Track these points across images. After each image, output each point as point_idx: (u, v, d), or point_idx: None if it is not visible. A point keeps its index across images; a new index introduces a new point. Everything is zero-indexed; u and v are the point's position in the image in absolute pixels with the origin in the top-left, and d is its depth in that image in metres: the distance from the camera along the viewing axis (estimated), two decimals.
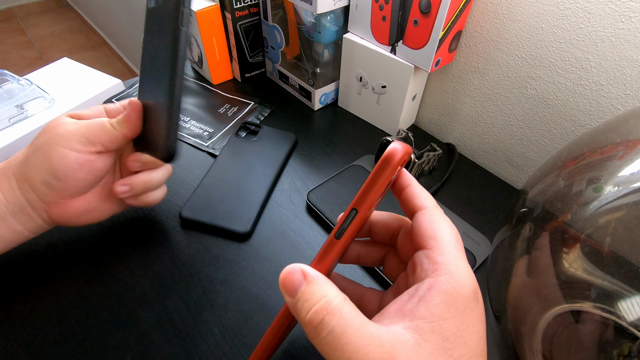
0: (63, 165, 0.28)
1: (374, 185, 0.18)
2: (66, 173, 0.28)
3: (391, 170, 0.18)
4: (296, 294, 0.18)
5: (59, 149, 0.28)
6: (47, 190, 0.29)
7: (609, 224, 0.19)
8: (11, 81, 0.48)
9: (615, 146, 0.21)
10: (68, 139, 0.28)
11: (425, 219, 0.21)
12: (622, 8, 0.31)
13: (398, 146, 0.17)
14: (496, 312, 0.25)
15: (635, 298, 0.17)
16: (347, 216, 0.19)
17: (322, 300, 0.18)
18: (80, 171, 0.29)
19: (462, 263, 0.20)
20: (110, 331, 0.29)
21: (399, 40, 0.42)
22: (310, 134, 0.50)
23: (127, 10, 1.53)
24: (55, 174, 0.28)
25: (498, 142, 0.46)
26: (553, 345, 0.20)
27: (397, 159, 0.18)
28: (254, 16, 0.53)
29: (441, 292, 0.19)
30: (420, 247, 0.21)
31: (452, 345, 0.18)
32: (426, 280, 0.19)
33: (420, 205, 0.22)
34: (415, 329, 0.18)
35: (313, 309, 0.17)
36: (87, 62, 1.40)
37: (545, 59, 0.37)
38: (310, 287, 0.18)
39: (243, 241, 0.36)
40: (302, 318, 0.17)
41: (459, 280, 0.19)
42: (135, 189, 0.32)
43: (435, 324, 0.18)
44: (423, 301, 0.18)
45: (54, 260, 0.34)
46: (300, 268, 0.19)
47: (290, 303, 0.18)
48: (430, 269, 0.19)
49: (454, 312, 0.18)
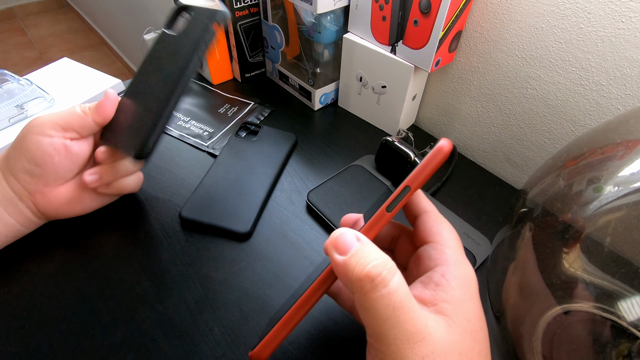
0: (39, 151, 0.30)
1: (427, 167, 0.20)
2: (43, 158, 0.30)
3: (442, 157, 0.20)
4: (348, 252, 0.19)
5: (34, 136, 0.30)
6: (29, 178, 0.30)
7: (609, 224, 0.19)
8: (11, 81, 0.48)
9: (615, 146, 0.21)
10: (42, 126, 0.30)
11: (430, 219, 0.23)
12: (622, 8, 0.31)
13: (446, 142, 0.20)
14: (496, 312, 0.25)
15: (635, 298, 0.17)
16: (401, 192, 0.20)
17: (381, 259, 0.18)
18: (56, 156, 0.30)
19: (464, 258, 0.21)
20: (110, 331, 0.29)
21: (399, 40, 0.42)
22: (310, 134, 0.50)
23: (127, 10, 1.53)
24: (32, 159, 0.30)
25: (498, 142, 0.46)
26: (553, 345, 0.20)
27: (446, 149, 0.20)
28: (254, 16, 0.53)
29: (455, 276, 0.20)
30: (426, 242, 0.22)
31: (474, 327, 0.19)
32: (437, 268, 0.20)
33: (424, 209, 0.24)
34: (441, 312, 0.19)
35: (372, 263, 0.18)
36: (87, 62, 1.40)
37: (545, 59, 0.37)
38: (366, 248, 0.19)
39: (243, 241, 0.36)
40: (359, 272, 0.18)
41: (466, 269, 0.21)
42: (105, 177, 0.33)
43: (458, 304, 0.19)
44: (440, 286, 0.19)
45: (54, 261, 0.34)
46: (353, 232, 0.20)
47: (341, 261, 0.19)
48: (439, 258, 0.21)
49: (469, 295, 0.20)
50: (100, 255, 0.34)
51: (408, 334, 0.17)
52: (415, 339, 0.17)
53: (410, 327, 0.17)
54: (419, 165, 0.20)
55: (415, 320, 0.17)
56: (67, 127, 0.30)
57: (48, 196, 0.31)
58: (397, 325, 0.17)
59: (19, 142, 0.30)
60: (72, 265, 0.34)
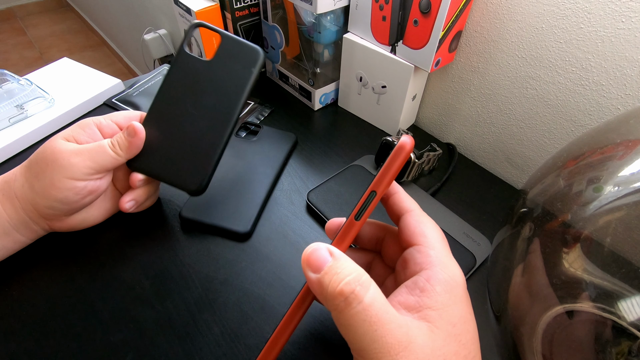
0: (73, 194, 0.29)
1: (390, 169, 0.20)
2: (75, 199, 0.30)
3: (404, 156, 0.20)
4: (322, 270, 0.18)
5: (67, 181, 0.29)
6: (52, 212, 0.30)
7: (609, 224, 0.19)
8: (11, 81, 0.48)
9: (615, 146, 0.21)
10: (74, 170, 0.29)
11: (413, 220, 0.22)
12: (622, 8, 0.31)
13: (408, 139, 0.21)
14: (496, 312, 0.25)
15: (635, 298, 0.17)
16: (367, 198, 0.20)
17: (354, 274, 0.18)
18: (88, 196, 0.31)
19: (451, 257, 0.21)
20: (110, 331, 0.29)
21: (399, 40, 0.42)
22: (310, 134, 0.50)
23: (127, 10, 1.53)
24: (63, 201, 0.29)
25: (498, 142, 0.46)
26: (553, 345, 0.20)
27: (408, 148, 0.20)
28: (254, 16, 0.53)
29: (439, 281, 0.19)
30: (410, 244, 0.22)
31: (459, 331, 0.19)
32: (423, 272, 0.20)
33: (406, 209, 0.23)
34: (425, 318, 0.18)
35: (345, 280, 0.18)
36: (87, 62, 1.40)
37: (546, 59, 0.37)
38: (339, 263, 0.19)
39: (243, 241, 0.36)
40: (332, 290, 0.18)
41: (453, 270, 0.20)
42: (140, 201, 0.34)
43: (442, 311, 0.19)
44: (425, 292, 0.19)
45: (54, 262, 0.34)
46: (325, 246, 0.19)
47: (315, 279, 0.19)
48: (424, 262, 0.20)
49: (454, 299, 0.19)
50: (101, 255, 0.34)
51: (389, 346, 0.17)
52: (397, 350, 0.17)
53: (390, 339, 0.17)
54: (381, 167, 0.21)
55: (394, 330, 0.17)
56: (100, 169, 0.30)
57: (66, 222, 0.32)
58: (376, 339, 0.17)
59: (46, 178, 0.28)
60: (72, 265, 0.34)
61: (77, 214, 0.32)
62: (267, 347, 0.22)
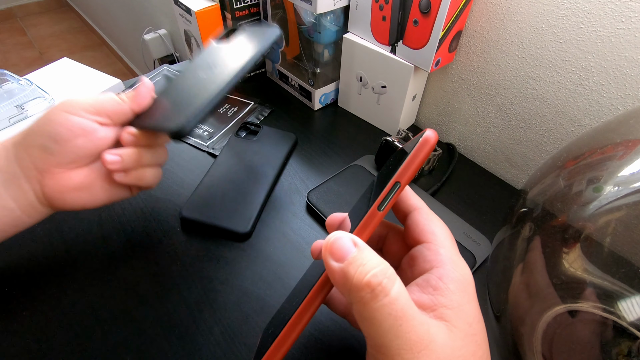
0: (65, 128, 0.27)
1: (414, 161, 0.20)
2: (67, 136, 0.28)
3: (428, 149, 0.20)
4: (345, 259, 0.18)
5: (63, 113, 0.28)
6: (42, 154, 0.28)
7: (609, 224, 0.19)
8: (11, 81, 0.48)
9: (615, 146, 0.21)
10: (74, 105, 0.28)
11: (422, 217, 0.22)
12: (622, 8, 0.31)
13: (432, 132, 0.20)
14: (496, 312, 0.25)
15: (635, 298, 0.17)
16: (391, 189, 0.20)
17: (381, 266, 0.17)
18: (81, 137, 0.28)
19: (460, 256, 0.21)
20: (110, 331, 0.29)
21: (399, 40, 0.42)
22: (310, 134, 0.50)
23: (127, 10, 1.53)
24: (54, 135, 0.27)
25: (498, 142, 0.46)
26: (553, 345, 0.20)
27: (432, 142, 0.20)
28: (254, 16, 0.53)
29: (452, 279, 0.19)
30: (419, 242, 0.22)
31: (474, 330, 0.19)
32: (434, 270, 0.20)
33: (414, 206, 0.23)
34: (442, 317, 0.18)
35: (372, 272, 0.17)
36: (87, 62, 1.39)
37: (545, 59, 0.37)
38: (364, 254, 0.18)
39: (243, 241, 0.36)
40: (358, 281, 0.17)
41: (463, 269, 0.20)
42: (126, 162, 0.29)
43: (458, 310, 0.18)
44: (439, 290, 0.19)
45: (54, 261, 0.34)
46: (349, 235, 0.19)
47: (338, 268, 0.18)
48: (434, 260, 0.20)
49: (468, 297, 0.19)
50: (100, 255, 0.34)
51: (411, 343, 0.16)
52: (419, 348, 0.17)
53: (413, 336, 0.17)
54: (406, 159, 0.20)
55: (417, 327, 0.17)
56: (100, 110, 0.29)
57: (57, 178, 0.28)
58: (400, 335, 0.16)
59: (44, 117, 0.28)
60: (72, 265, 0.34)
61: (71, 172, 0.29)
62: (282, 335, 0.20)
